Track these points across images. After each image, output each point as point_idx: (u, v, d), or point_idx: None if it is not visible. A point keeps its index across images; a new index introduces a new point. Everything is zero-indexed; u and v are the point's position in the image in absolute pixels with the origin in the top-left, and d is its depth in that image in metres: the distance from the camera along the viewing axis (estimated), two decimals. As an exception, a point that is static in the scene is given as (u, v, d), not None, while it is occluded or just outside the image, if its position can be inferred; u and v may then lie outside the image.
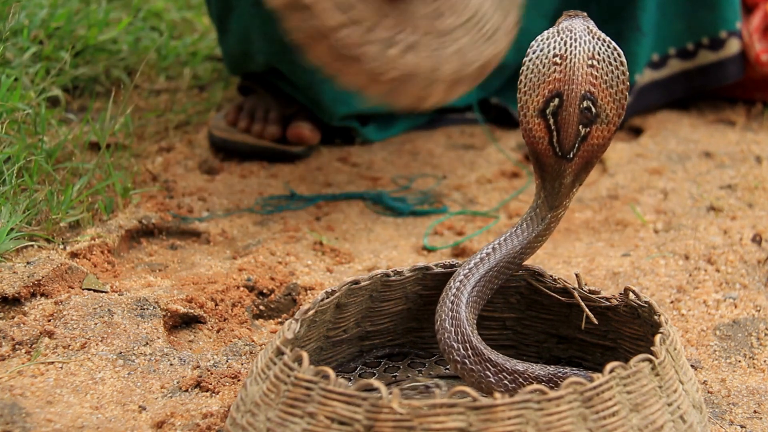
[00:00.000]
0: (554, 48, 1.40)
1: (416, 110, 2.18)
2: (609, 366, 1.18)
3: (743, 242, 2.00)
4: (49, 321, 1.63)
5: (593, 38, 1.41)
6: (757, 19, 2.70)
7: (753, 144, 2.56)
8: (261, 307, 1.79)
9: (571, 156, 1.41)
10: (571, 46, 1.40)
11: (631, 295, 1.41)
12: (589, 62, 1.39)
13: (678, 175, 2.39)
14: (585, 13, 1.46)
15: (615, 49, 1.41)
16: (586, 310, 1.44)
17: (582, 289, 1.47)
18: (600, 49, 1.41)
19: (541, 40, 1.42)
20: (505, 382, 1.33)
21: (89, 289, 1.74)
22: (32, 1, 2.82)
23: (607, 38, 1.42)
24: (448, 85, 1.98)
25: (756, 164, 2.43)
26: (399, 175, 2.44)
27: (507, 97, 2.76)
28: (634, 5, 2.61)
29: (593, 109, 1.40)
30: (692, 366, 1.61)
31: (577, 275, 1.48)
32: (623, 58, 1.41)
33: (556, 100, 1.39)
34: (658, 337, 1.26)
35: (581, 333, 1.49)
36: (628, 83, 1.41)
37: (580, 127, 1.40)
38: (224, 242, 2.04)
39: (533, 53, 1.41)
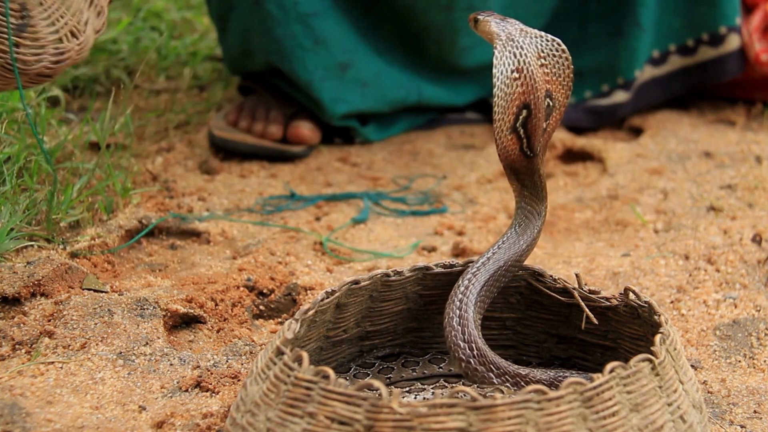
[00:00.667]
0: (509, 64, 1.41)
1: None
2: (609, 366, 1.18)
3: (743, 242, 2.00)
4: (49, 321, 1.63)
5: (533, 38, 1.43)
6: (757, 19, 2.70)
7: (753, 144, 2.56)
8: (261, 307, 1.79)
9: (538, 151, 1.44)
10: (521, 55, 1.41)
11: (631, 295, 1.41)
12: (539, 62, 1.42)
13: (678, 175, 2.38)
14: (494, 12, 1.49)
15: (553, 40, 1.44)
16: (586, 310, 1.45)
17: (582, 289, 1.47)
18: (542, 45, 1.43)
19: (497, 61, 1.43)
20: (507, 384, 1.33)
21: (89, 289, 1.74)
22: (32, 1, 2.82)
23: (540, 31, 1.45)
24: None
25: (756, 164, 2.43)
26: (399, 175, 2.44)
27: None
28: (634, 1, 2.61)
29: (551, 103, 1.43)
30: (692, 366, 1.61)
31: (577, 275, 1.48)
32: (563, 45, 1.44)
33: (524, 111, 1.41)
34: (658, 337, 1.26)
35: (581, 333, 1.49)
36: (572, 66, 1.44)
37: (545, 124, 1.42)
38: (224, 242, 2.03)
39: (496, 78, 1.42)
